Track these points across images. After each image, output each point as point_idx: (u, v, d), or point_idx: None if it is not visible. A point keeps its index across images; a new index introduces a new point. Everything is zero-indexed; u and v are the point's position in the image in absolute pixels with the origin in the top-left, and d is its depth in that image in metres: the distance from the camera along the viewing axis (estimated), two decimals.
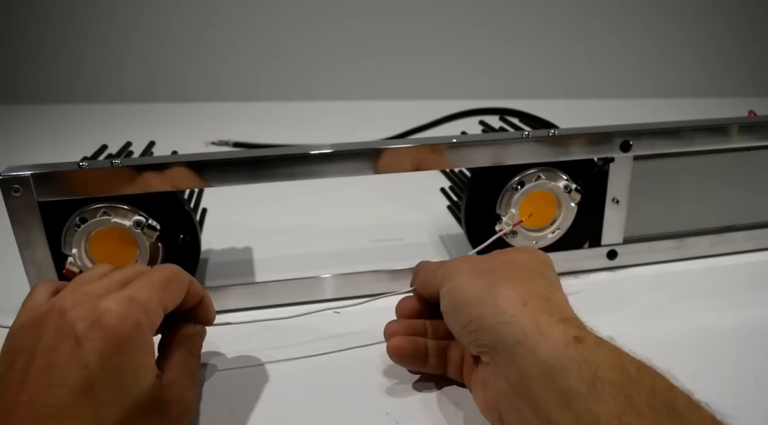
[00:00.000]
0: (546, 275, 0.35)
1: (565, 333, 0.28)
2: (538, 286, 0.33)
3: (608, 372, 0.26)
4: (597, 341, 0.28)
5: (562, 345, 0.27)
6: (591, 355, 0.26)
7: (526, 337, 0.29)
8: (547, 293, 0.32)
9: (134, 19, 1.37)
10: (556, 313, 0.30)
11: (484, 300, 0.32)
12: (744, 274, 0.53)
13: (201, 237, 0.48)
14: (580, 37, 1.40)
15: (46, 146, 1.07)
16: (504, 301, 0.31)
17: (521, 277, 0.33)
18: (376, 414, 0.36)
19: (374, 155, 0.45)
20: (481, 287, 0.33)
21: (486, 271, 0.35)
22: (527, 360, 0.28)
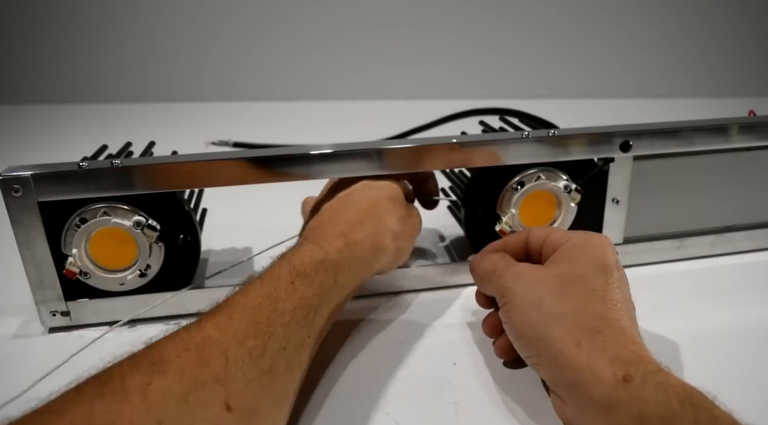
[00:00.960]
0: (597, 291, 0.35)
1: (614, 374, 0.30)
2: (588, 315, 0.34)
3: (654, 408, 0.28)
4: (644, 377, 0.29)
5: (612, 386, 0.29)
6: (638, 393, 0.29)
7: (581, 380, 0.31)
8: (599, 324, 0.33)
9: (134, 20, 1.37)
10: (609, 348, 0.31)
11: (540, 340, 0.34)
12: (744, 274, 0.53)
13: (201, 237, 0.48)
14: (581, 37, 1.40)
15: (46, 146, 1.07)
16: (558, 343, 0.33)
17: (572, 307, 0.34)
18: (376, 414, 0.36)
19: (374, 155, 0.45)
20: (536, 324, 0.34)
21: (538, 302, 0.35)
22: (583, 400, 0.31)
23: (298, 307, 0.35)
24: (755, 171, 0.55)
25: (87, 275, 0.44)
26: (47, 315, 0.45)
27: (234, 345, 0.30)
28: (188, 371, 0.27)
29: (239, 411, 0.28)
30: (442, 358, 0.42)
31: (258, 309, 0.33)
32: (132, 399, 0.25)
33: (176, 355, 0.28)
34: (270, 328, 0.32)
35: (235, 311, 0.32)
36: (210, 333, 0.30)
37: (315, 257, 0.38)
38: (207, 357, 0.29)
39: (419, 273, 0.51)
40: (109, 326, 0.47)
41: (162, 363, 0.27)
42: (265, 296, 0.34)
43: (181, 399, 0.26)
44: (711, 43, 1.42)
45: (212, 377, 0.28)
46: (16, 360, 0.43)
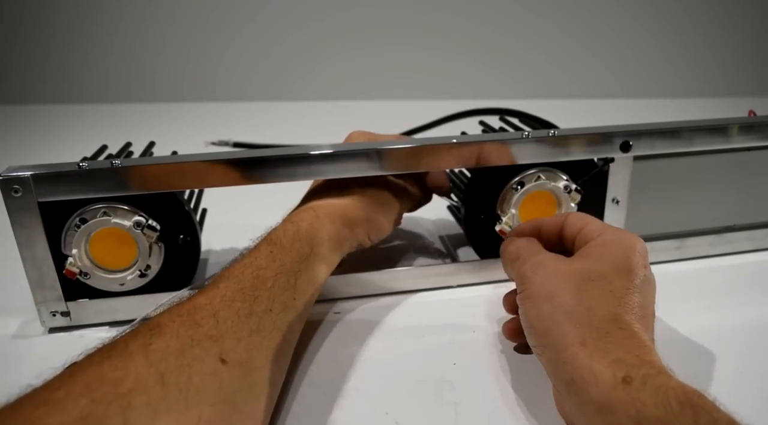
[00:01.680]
0: (615, 293, 0.34)
1: (614, 374, 0.30)
2: (600, 316, 0.33)
3: (653, 410, 0.27)
4: (644, 379, 0.29)
5: (611, 386, 0.29)
6: (637, 394, 0.28)
7: (580, 378, 0.31)
8: (608, 326, 0.33)
9: (134, 20, 1.37)
10: (613, 350, 0.31)
11: (547, 332, 0.34)
12: (744, 274, 0.53)
13: (201, 237, 0.48)
14: (580, 37, 1.40)
15: (46, 146, 1.07)
16: (563, 339, 0.33)
17: (585, 306, 0.34)
18: (376, 414, 0.36)
19: (374, 155, 0.45)
20: (546, 317, 0.35)
21: (551, 295, 0.35)
22: (581, 397, 0.31)
23: (279, 273, 0.38)
24: (755, 171, 0.55)
25: (87, 276, 0.44)
26: (47, 315, 0.45)
27: (222, 307, 0.33)
28: (183, 331, 0.31)
29: (233, 363, 0.31)
30: (442, 358, 0.42)
31: (241, 277, 0.36)
32: (135, 358, 0.28)
33: (171, 320, 0.31)
34: (254, 292, 0.35)
35: (221, 280, 0.36)
36: (199, 300, 0.34)
37: (288, 230, 0.41)
38: (199, 319, 0.32)
39: (419, 273, 0.51)
40: (109, 326, 0.47)
41: (159, 327, 0.31)
42: (247, 265, 0.37)
43: (179, 354, 0.29)
44: (710, 43, 1.42)
45: (205, 335, 0.31)
46: (16, 360, 0.43)
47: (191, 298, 0.34)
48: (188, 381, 0.28)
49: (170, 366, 0.28)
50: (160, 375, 0.28)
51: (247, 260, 0.38)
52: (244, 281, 0.36)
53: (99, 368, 0.27)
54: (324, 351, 0.43)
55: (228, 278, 0.36)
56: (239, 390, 0.31)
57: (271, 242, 0.40)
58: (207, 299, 0.34)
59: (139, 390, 0.26)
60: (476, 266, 0.52)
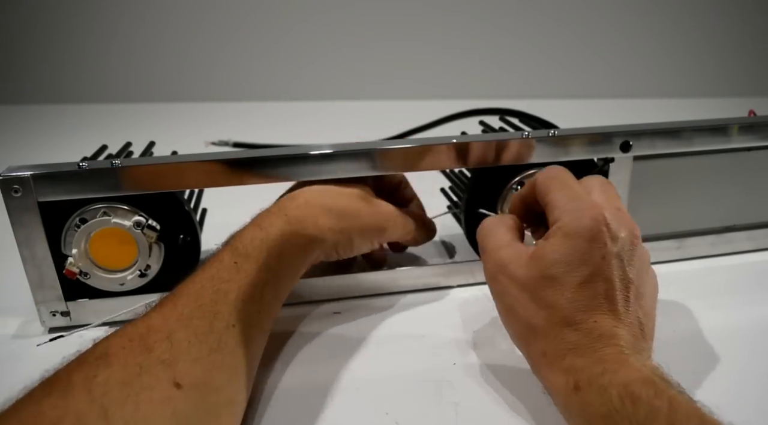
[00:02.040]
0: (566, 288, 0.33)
1: (567, 383, 0.31)
2: (556, 317, 0.33)
3: (597, 408, 0.29)
4: (590, 381, 0.30)
5: (565, 394, 0.31)
6: (585, 397, 0.30)
7: (548, 387, 0.33)
8: (562, 330, 0.32)
9: (134, 19, 1.37)
10: (568, 356, 0.32)
11: (521, 346, 0.36)
12: (744, 274, 0.53)
13: (201, 237, 0.48)
14: (580, 37, 1.40)
15: (46, 146, 1.07)
16: (532, 352, 0.35)
17: (542, 314, 0.33)
18: (376, 414, 0.36)
19: (374, 155, 0.45)
20: (515, 332, 0.36)
21: (512, 309, 0.36)
22: (556, 405, 0.33)
23: (243, 285, 0.35)
24: (755, 171, 0.55)
25: (87, 276, 0.44)
26: (47, 315, 0.45)
27: (178, 328, 0.31)
28: (131, 359, 0.28)
29: (189, 386, 0.29)
30: (442, 358, 0.42)
31: (201, 291, 0.34)
32: (76, 393, 0.26)
33: (121, 347, 0.29)
34: (214, 307, 0.33)
35: (180, 297, 0.33)
36: (154, 321, 0.31)
37: (256, 237, 0.38)
38: (151, 343, 0.30)
39: (419, 273, 0.51)
40: (109, 326, 0.47)
41: (106, 357, 0.28)
42: (208, 278, 0.35)
43: (125, 385, 0.27)
44: (711, 43, 1.42)
45: (157, 360, 0.29)
46: (16, 360, 0.43)
47: (146, 317, 0.32)
48: (135, 412, 0.26)
49: (114, 398, 0.26)
50: (104, 410, 0.25)
51: (209, 271, 0.35)
52: (204, 296, 0.33)
53: (37, 406, 0.25)
54: (324, 351, 0.43)
55: (187, 295, 0.34)
56: (196, 415, 0.29)
57: (237, 252, 0.37)
58: (162, 319, 0.31)
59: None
60: (476, 266, 0.51)
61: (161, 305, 0.33)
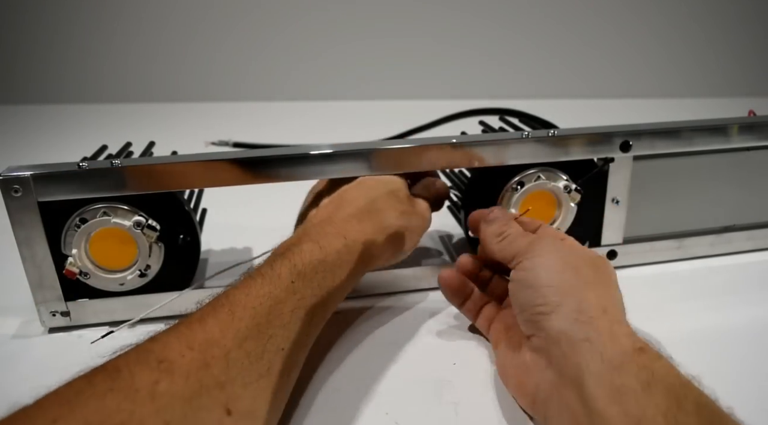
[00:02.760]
0: (618, 289, 0.37)
1: (633, 343, 0.31)
2: (617, 297, 0.36)
3: (663, 378, 0.29)
4: (658, 355, 0.31)
5: (629, 350, 0.30)
6: (651, 363, 0.30)
7: (598, 336, 0.31)
8: (620, 305, 0.35)
9: (134, 20, 1.37)
10: (627, 324, 0.33)
11: (569, 294, 0.34)
12: (744, 274, 0.53)
13: (201, 237, 0.48)
14: (580, 37, 1.40)
15: (46, 146, 1.07)
16: (587, 303, 0.34)
17: (605, 284, 0.36)
18: (376, 414, 0.36)
19: (374, 155, 0.45)
20: (569, 281, 0.35)
21: (574, 266, 0.36)
22: (591, 356, 0.31)
23: (297, 308, 0.35)
24: (755, 171, 0.55)
25: (87, 276, 0.44)
26: (47, 315, 0.45)
27: (234, 347, 0.31)
28: (193, 373, 0.28)
29: (238, 414, 0.29)
30: (442, 358, 0.42)
31: (259, 309, 0.33)
32: (141, 399, 0.26)
33: (180, 354, 0.29)
34: (270, 330, 0.33)
35: (237, 309, 0.33)
36: (213, 332, 0.31)
37: (314, 258, 0.38)
38: (209, 359, 0.29)
39: (419, 273, 0.51)
40: (109, 326, 0.47)
41: (168, 363, 0.28)
42: (266, 296, 0.34)
43: (186, 402, 0.27)
44: (711, 43, 1.42)
45: (214, 380, 0.29)
46: (16, 360, 0.43)
47: (203, 324, 0.31)
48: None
49: (176, 414, 0.26)
50: (166, 424, 0.26)
51: (267, 288, 0.35)
52: (261, 315, 0.33)
53: (102, 403, 0.25)
54: (324, 351, 0.43)
55: (245, 309, 0.33)
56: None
57: (294, 269, 0.36)
58: (220, 332, 0.31)
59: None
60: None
61: (216, 310, 0.32)
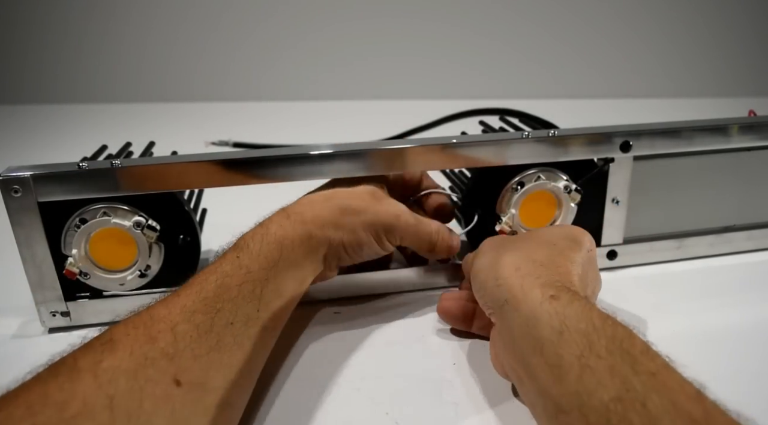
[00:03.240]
0: (558, 246, 0.38)
1: (543, 293, 0.32)
2: (539, 255, 0.37)
3: (575, 323, 0.30)
4: (571, 298, 0.31)
5: (538, 301, 0.32)
6: (563, 309, 0.31)
7: (512, 297, 0.34)
8: (545, 260, 0.36)
9: (134, 20, 1.37)
10: (543, 276, 0.34)
11: (489, 267, 0.37)
12: (744, 274, 0.53)
13: (201, 238, 0.48)
14: (580, 37, 1.40)
15: (46, 146, 1.07)
16: (501, 268, 0.36)
17: (527, 248, 0.38)
18: (376, 414, 0.36)
19: (374, 155, 0.45)
20: (491, 258, 0.38)
21: (500, 245, 0.39)
22: (511, 315, 0.33)
23: (245, 282, 0.35)
24: (755, 171, 0.55)
25: (87, 276, 0.44)
26: (47, 316, 0.45)
27: (182, 320, 0.31)
28: (137, 348, 0.28)
29: (188, 385, 0.29)
30: (442, 358, 0.42)
31: (204, 284, 0.34)
32: (83, 378, 0.26)
33: (125, 333, 0.29)
34: (217, 304, 0.33)
35: (184, 289, 0.33)
36: (158, 310, 0.31)
37: (257, 233, 0.39)
38: (155, 333, 0.29)
39: (419, 273, 0.51)
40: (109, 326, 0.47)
41: (112, 342, 0.28)
42: (211, 271, 0.35)
43: (131, 375, 0.27)
44: (711, 43, 1.42)
45: (161, 353, 0.29)
46: (16, 360, 0.43)
47: (149, 308, 0.32)
48: (139, 408, 0.26)
49: (121, 388, 0.26)
50: (109, 398, 0.25)
51: (213, 265, 0.36)
52: (207, 289, 0.33)
53: (44, 387, 0.25)
54: (324, 351, 0.43)
55: (191, 285, 0.33)
56: (193, 416, 0.29)
57: (238, 247, 0.37)
58: (166, 309, 0.31)
59: (86, 416, 0.24)
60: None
61: (165, 297, 0.33)
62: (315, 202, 0.42)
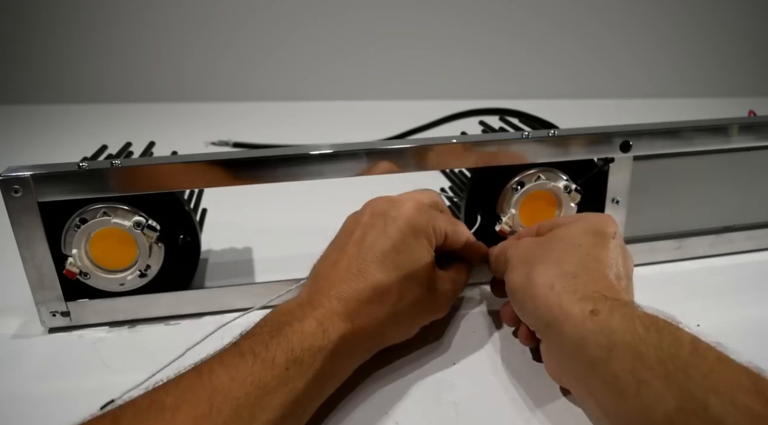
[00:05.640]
0: (584, 246, 0.37)
1: (582, 310, 0.32)
2: (569, 264, 0.36)
3: (621, 336, 0.29)
4: (611, 309, 0.31)
5: (581, 320, 0.31)
6: (606, 324, 0.30)
7: (554, 319, 0.33)
8: (577, 270, 0.35)
9: (134, 20, 1.37)
10: (579, 291, 0.33)
11: (524, 289, 0.36)
12: (744, 274, 0.53)
13: (201, 238, 0.48)
14: (580, 37, 1.40)
15: (46, 146, 1.07)
16: (536, 289, 0.35)
17: (555, 258, 0.37)
18: (376, 414, 0.36)
19: (374, 155, 0.45)
20: (522, 277, 0.37)
21: (527, 259, 0.38)
22: (558, 338, 0.33)
23: (287, 400, 0.31)
24: (755, 171, 0.55)
25: (87, 276, 0.44)
26: (47, 316, 0.45)
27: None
28: None
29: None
30: (442, 358, 0.42)
31: (243, 401, 0.29)
32: None
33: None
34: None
35: (217, 397, 0.28)
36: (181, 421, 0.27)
37: (315, 344, 0.33)
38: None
39: None
40: (109, 326, 0.47)
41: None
42: (254, 384, 0.29)
43: None
44: (711, 43, 1.42)
45: None
46: (16, 361, 0.43)
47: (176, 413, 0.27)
48: None
49: None
50: None
51: (256, 373, 0.30)
52: (244, 407, 0.28)
53: None
54: None
55: (226, 396, 0.28)
56: None
57: (292, 355, 0.32)
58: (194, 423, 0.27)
59: None
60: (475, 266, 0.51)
61: (195, 393, 0.28)
62: (377, 304, 0.37)
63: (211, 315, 0.48)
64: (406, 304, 0.38)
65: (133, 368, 0.42)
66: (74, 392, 0.40)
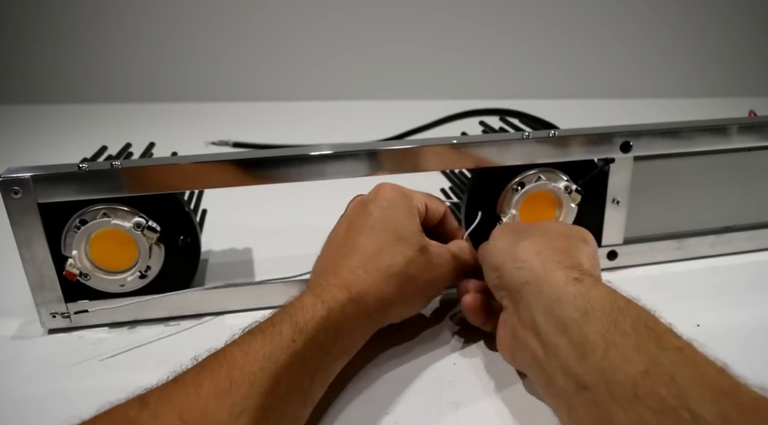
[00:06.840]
0: (572, 241, 0.38)
1: (566, 275, 0.33)
2: (557, 244, 0.37)
3: (600, 304, 0.30)
4: (595, 282, 0.32)
5: (562, 283, 0.32)
6: (587, 291, 0.31)
7: (535, 278, 0.34)
8: (564, 249, 0.36)
9: (134, 20, 1.37)
10: (565, 261, 0.34)
11: (508, 251, 0.38)
12: (744, 274, 0.53)
13: (201, 238, 0.48)
14: (581, 37, 1.40)
15: (46, 146, 1.07)
16: (522, 251, 0.36)
17: (545, 236, 0.38)
18: (376, 414, 0.36)
19: (374, 155, 0.45)
20: (508, 242, 0.38)
21: (516, 230, 0.40)
22: (533, 297, 0.34)
23: (295, 372, 0.32)
24: (755, 171, 0.55)
25: (87, 277, 0.44)
26: (47, 317, 0.45)
27: (230, 422, 0.29)
28: None
29: None
30: (442, 358, 0.42)
31: (259, 374, 0.30)
32: None
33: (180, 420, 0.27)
34: (266, 401, 0.30)
35: (234, 372, 0.30)
36: (209, 402, 0.28)
37: (317, 314, 0.34)
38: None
39: None
40: (109, 327, 0.47)
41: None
42: (266, 358, 0.31)
43: None
44: (711, 43, 1.42)
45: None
46: (16, 361, 0.43)
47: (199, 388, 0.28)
48: None
49: None
50: None
51: (267, 346, 0.31)
52: (259, 384, 0.30)
53: None
54: None
55: (242, 371, 0.30)
56: None
57: (296, 326, 0.33)
58: (216, 403, 0.28)
59: None
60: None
61: (214, 372, 0.29)
62: (371, 272, 0.39)
63: (211, 316, 0.48)
64: (400, 267, 0.40)
65: (133, 368, 0.42)
66: (74, 392, 0.40)
